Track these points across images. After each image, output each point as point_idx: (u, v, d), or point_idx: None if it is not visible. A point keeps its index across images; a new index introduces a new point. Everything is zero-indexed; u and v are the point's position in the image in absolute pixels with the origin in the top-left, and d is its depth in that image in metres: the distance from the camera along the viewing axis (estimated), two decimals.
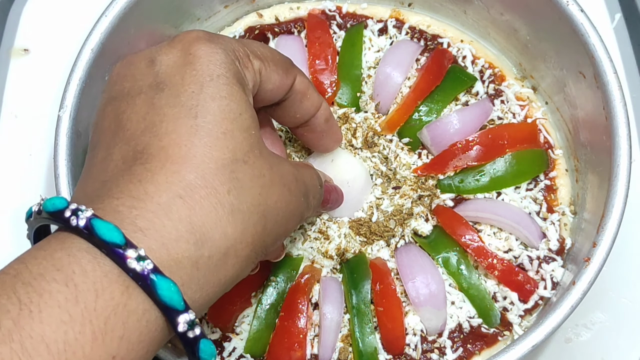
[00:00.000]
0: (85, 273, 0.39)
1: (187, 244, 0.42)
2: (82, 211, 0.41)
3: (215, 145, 0.45)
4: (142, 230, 0.41)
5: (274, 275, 0.70)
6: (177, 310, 0.41)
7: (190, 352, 0.43)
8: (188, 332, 0.42)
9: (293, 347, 0.67)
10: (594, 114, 0.71)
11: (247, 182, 0.46)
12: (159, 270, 0.40)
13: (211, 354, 0.44)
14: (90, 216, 0.40)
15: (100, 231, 0.39)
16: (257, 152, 0.48)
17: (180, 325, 0.41)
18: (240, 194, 0.46)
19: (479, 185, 0.75)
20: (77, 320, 0.37)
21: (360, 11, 0.84)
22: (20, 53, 0.91)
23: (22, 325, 0.36)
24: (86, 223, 0.40)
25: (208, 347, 0.43)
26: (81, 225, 0.40)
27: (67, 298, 0.37)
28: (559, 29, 0.72)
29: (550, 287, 0.71)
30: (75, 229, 0.40)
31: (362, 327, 0.68)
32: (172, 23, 0.79)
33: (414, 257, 0.71)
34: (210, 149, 0.45)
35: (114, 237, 0.39)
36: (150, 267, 0.40)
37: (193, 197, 0.43)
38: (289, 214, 0.51)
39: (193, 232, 0.43)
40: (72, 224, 0.40)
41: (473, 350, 0.70)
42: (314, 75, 0.79)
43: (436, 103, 0.78)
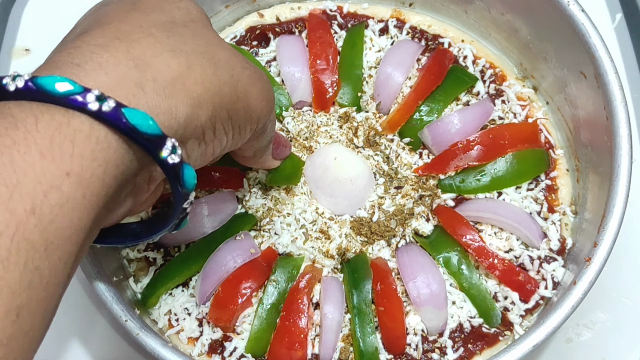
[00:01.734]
0: (21, 106, 0.39)
1: (126, 67, 0.43)
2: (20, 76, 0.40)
3: (152, 13, 0.48)
4: (78, 64, 0.42)
5: (275, 275, 0.70)
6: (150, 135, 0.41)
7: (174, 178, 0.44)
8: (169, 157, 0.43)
9: (294, 347, 0.67)
10: (594, 113, 0.71)
11: (189, 36, 0.48)
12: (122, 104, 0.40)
13: (193, 177, 0.45)
14: (30, 77, 0.40)
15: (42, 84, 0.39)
16: (200, 24, 0.50)
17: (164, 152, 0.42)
18: (181, 41, 0.47)
19: (479, 185, 0.75)
20: (20, 142, 0.37)
21: (361, 11, 0.84)
22: (22, 53, 0.91)
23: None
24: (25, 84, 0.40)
25: (190, 171, 0.44)
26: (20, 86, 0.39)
27: (6, 127, 0.37)
28: (560, 29, 0.72)
29: (551, 287, 0.71)
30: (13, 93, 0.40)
31: (363, 327, 0.68)
32: None
33: (415, 257, 0.71)
34: (146, 15, 0.47)
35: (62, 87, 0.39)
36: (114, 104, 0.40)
37: (130, 38, 0.44)
38: (248, 77, 0.51)
39: (132, 59, 0.43)
40: (10, 90, 0.40)
41: (474, 350, 0.70)
42: (315, 75, 0.79)
43: (437, 103, 0.78)
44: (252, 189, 0.74)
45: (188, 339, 0.70)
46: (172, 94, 0.44)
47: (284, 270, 0.70)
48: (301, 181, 0.75)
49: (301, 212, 0.73)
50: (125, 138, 0.41)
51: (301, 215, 0.73)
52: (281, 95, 0.79)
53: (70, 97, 0.39)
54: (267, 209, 0.73)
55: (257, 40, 0.83)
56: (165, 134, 0.43)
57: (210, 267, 0.69)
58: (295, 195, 0.74)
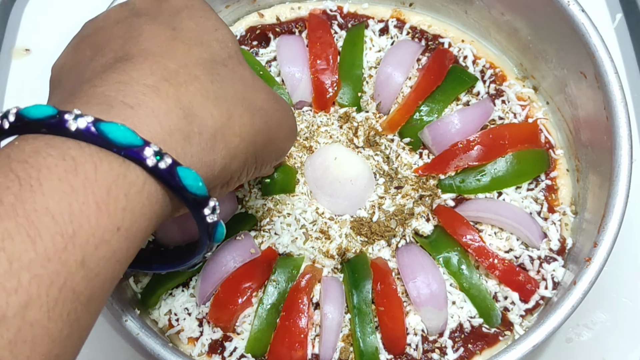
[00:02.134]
0: (81, 147, 0.38)
1: (177, 117, 0.42)
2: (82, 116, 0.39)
3: (194, 48, 0.47)
4: (132, 107, 0.41)
5: (275, 275, 0.70)
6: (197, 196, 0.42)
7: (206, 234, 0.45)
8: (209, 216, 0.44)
9: (294, 347, 0.67)
10: (595, 113, 0.71)
11: (229, 79, 0.48)
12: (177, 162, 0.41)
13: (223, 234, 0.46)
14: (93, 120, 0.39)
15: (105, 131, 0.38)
16: (236, 60, 0.50)
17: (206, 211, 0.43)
18: (224, 86, 0.47)
19: (480, 185, 0.75)
20: (79, 191, 0.37)
21: (361, 11, 0.84)
22: (22, 53, 0.91)
23: (25, 199, 0.35)
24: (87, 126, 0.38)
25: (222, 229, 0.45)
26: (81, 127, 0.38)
27: (66, 170, 0.37)
28: (560, 29, 0.72)
29: (551, 287, 0.71)
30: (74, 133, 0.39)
31: (363, 327, 0.68)
32: None
33: (415, 257, 0.71)
34: (190, 50, 0.47)
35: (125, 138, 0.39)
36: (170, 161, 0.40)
37: (178, 80, 0.44)
38: (278, 119, 0.51)
39: (182, 108, 0.43)
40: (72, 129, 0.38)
41: (474, 350, 0.70)
42: (315, 75, 0.79)
43: (437, 103, 0.78)
44: (252, 189, 0.74)
45: (188, 339, 0.70)
46: (213, 147, 0.45)
47: (284, 270, 0.70)
48: (301, 181, 0.75)
49: (301, 212, 0.73)
50: (172, 194, 0.42)
51: (301, 215, 0.73)
52: (281, 95, 0.79)
53: (130, 149, 0.39)
54: (267, 209, 0.73)
55: (257, 40, 0.83)
56: (209, 194, 0.43)
57: (210, 267, 0.69)
58: (295, 195, 0.74)
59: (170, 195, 0.42)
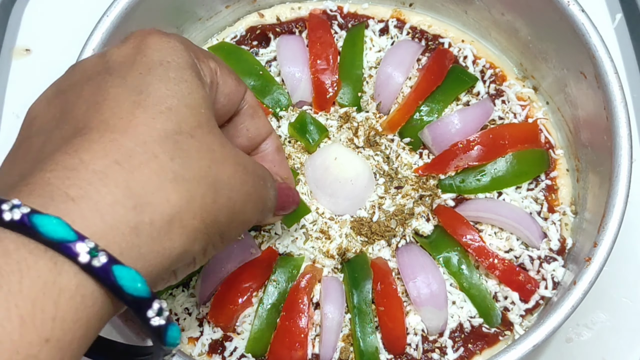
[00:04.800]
0: (8, 253, 0.36)
1: (124, 208, 0.40)
2: (18, 207, 0.37)
3: (159, 117, 0.44)
4: (74, 199, 0.39)
5: (275, 275, 0.70)
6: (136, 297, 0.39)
7: (156, 339, 0.41)
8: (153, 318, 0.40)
9: (294, 347, 0.67)
10: (594, 114, 0.71)
11: (194, 153, 0.44)
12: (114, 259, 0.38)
13: (176, 338, 0.42)
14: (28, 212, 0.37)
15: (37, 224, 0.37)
16: (206, 129, 0.46)
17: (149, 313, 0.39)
18: (186, 163, 0.43)
19: (480, 185, 0.75)
20: (1, 305, 0.34)
21: (361, 11, 0.85)
22: (22, 53, 0.91)
23: None
24: (21, 217, 0.37)
25: (174, 332, 0.41)
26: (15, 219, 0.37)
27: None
28: (560, 29, 0.72)
29: (551, 287, 0.71)
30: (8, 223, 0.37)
31: (363, 327, 0.68)
32: (174, 23, 0.79)
33: (415, 257, 0.71)
34: (153, 120, 0.43)
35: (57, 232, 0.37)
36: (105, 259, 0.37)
37: (131, 163, 0.41)
38: (245, 193, 0.48)
39: (130, 197, 0.40)
40: (6, 219, 0.37)
41: (474, 350, 0.70)
42: (315, 75, 0.79)
43: (437, 103, 0.78)
44: None
45: (188, 338, 0.70)
46: (167, 234, 0.42)
47: (284, 270, 0.71)
48: (301, 181, 0.75)
49: None
50: (111, 294, 0.39)
51: None
52: (281, 95, 0.79)
53: (63, 244, 0.37)
54: None
55: (257, 40, 0.83)
56: (153, 294, 0.40)
57: (210, 267, 0.69)
58: None
59: (110, 295, 0.39)
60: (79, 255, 0.37)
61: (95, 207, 0.39)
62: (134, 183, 0.41)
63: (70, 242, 0.37)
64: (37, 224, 0.37)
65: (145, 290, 0.39)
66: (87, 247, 0.37)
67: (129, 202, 0.40)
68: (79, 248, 0.37)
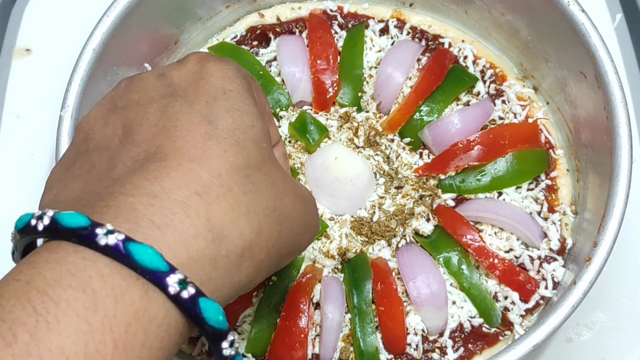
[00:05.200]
0: (103, 277, 0.37)
1: (205, 240, 0.41)
2: (112, 232, 0.38)
3: (230, 150, 0.44)
4: (160, 227, 0.40)
5: (276, 275, 0.70)
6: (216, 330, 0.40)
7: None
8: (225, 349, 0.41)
9: (294, 347, 0.67)
10: (595, 114, 0.71)
11: (262, 187, 0.45)
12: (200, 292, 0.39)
13: None
14: (124, 239, 0.38)
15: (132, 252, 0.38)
16: (269, 162, 0.47)
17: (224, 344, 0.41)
18: (256, 197, 0.44)
19: (480, 185, 0.75)
20: (97, 329, 0.35)
21: (361, 11, 0.84)
22: (22, 53, 0.91)
23: (40, 338, 0.34)
24: (116, 244, 0.37)
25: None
26: (110, 244, 0.37)
27: (85, 306, 0.36)
28: (560, 29, 0.72)
29: (551, 287, 0.71)
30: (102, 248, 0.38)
31: (364, 327, 0.68)
32: (174, 23, 0.79)
33: (415, 257, 0.71)
34: (225, 153, 0.44)
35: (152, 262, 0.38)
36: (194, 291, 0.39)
37: (210, 195, 0.42)
38: (304, 224, 0.50)
39: (211, 230, 0.41)
40: (101, 244, 0.38)
41: (474, 350, 0.70)
42: (315, 75, 0.79)
43: (437, 103, 0.78)
44: None
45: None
46: (239, 267, 0.43)
47: (284, 270, 0.71)
48: (302, 181, 0.75)
49: None
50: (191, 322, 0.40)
51: None
52: (281, 95, 0.79)
53: (155, 274, 0.38)
54: None
55: (257, 40, 0.83)
56: (229, 327, 0.42)
57: None
58: None
59: (190, 323, 0.40)
60: (170, 286, 0.38)
61: (180, 238, 0.40)
62: (213, 215, 0.41)
63: (162, 273, 0.38)
64: (132, 252, 0.37)
65: (225, 323, 0.41)
66: (177, 279, 0.38)
67: (209, 234, 0.41)
68: (170, 280, 0.38)
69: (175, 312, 0.39)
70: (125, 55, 0.75)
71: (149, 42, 0.78)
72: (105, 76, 0.72)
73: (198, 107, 0.46)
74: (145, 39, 0.77)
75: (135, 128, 0.46)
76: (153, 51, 0.79)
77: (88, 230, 0.38)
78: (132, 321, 0.37)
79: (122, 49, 0.73)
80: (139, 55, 0.77)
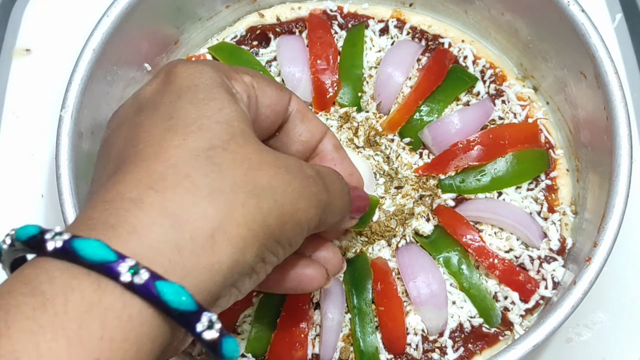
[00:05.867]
0: (53, 280, 0.37)
1: (161, 228, 0.40)
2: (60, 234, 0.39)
3: (189, 137, 0.44)
4: (113, 226, 0.40)
5: None
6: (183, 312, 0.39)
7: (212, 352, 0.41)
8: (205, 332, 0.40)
9: (294, 347, 0.67)
10: (594, 114, 0.71)
11: (228, 165, 0.45)
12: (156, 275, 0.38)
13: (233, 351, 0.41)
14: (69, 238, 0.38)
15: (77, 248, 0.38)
16: (240, 140, 0.46)
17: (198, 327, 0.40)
18: (220, 177, 0.44)
19: (480, 185, 0.75)
20: (47, 328, 0.35)
21: (361, 11, 0.85)
22: (22, 53, 0.91)
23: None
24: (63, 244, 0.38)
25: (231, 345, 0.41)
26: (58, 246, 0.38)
27: (34, 307, 0.36)
28: (560, 29, 0.72)
29: (551, 287, 0.71)
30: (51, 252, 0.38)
31: (364, 327, 0.68)
32: (174, 23, 0.80)
33: (415, 257, 0.71)
34: (184, 141, 0.44)
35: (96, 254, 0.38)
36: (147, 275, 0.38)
37: (164, 185, 0.42)
38: (292, 192, 0.47)
39: (166, 216, 0.41)
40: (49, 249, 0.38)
41: (474, 350, 0.70)
42: (315, 75, 0.79)
43: (437, 103, 0.78)
44: None
45: None
46: (211, 248, 0.42)
47: None
48: None
49: None
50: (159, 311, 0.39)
51: None
52: None
53: (104, 265, 0.38)
54: None
55: (257, 40, 0.83)
56: (201, 307, 0.40)
57: None
58: None
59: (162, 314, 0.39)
60: (121, 274, 0.38)
61: (132, 230, 0.40)
62: (169, 203, 0.41)
63: (111, 263, 0.38)
64: (77, 248, 0.38)
65: (191, 303, 0.40)
66: (128, 266, 0.38)
67: (165, 221, 0.41)
68: (120, 268, 0.38)
69: (136, 302, 0.38)
70: (125, 55, 0.75)
71: (149, 42, 0.78)
72: (105, 76, 0.72)
73: (162, 109, 0.47)
74: (145, 39, 0.77)
75: (110, 149, 0.48)
76: (153, 51, 0.79)
77: (37, 237, 0.39)
78: (84, 316, 0.36)
79: (122, 49, 0.73)
80: (139, 55, 0.77)
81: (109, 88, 0.73)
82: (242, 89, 0.51)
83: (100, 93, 0.72)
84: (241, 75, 0.52)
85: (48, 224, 0.81)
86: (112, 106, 0.75)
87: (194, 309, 0.40)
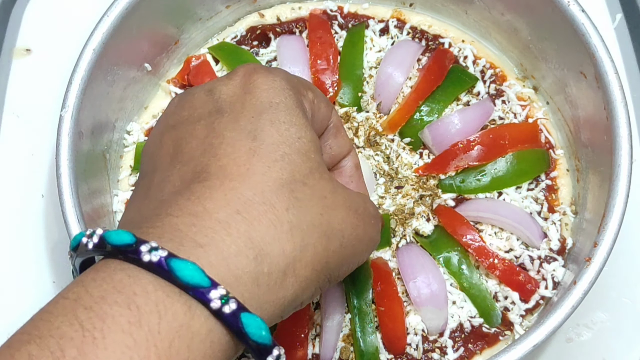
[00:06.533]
0: (147, 294, 0.38)
1: (246, 259, 0.41)
2: (156, 249, 0.39)
3: (274, 166, 0.45)
4: (202, 246, 0.40)
5: None
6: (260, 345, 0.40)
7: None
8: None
9: (294, 347, 0.67)
10: (595, 114, 0.71)
11: (307, 201, 0.45)
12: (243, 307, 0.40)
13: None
14: (166, 255, 0.39)
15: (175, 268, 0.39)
16: (317, 175, 0.47)
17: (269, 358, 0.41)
18: (300, 213, 0.45)
19: (480, 185, 0.75)
20: (141, 345, 0.36)
21: (361, 11, 0.85)
22: (23, 53, 0.91)
23: (87, 353, 0.35)
24: (159, 260, 0.39)
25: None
26: (154, 260, 0.39)
27: (130, 321, 0.36)
28: (560, 29, 0.72)
29: (551, 287, 0.71)
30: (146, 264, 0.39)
31: (364, 327, 0.68)
32: (174, 23, 0.80)
33: (415, 257, 0.71)
34: (269, 169, 0.45)
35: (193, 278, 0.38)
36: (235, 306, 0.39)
37: (251, 213, 0.43)
38: (356, 237, 0.49)
39: (252, 247, 0.42)
40: (145, 260, 0.39)
41: (474, 350, 0.70)
42: (315, 75, 0.79)
43: (437, 103, 0.78)
44: None
45: None
46: (282, 284, 0.43)
47: None
48: None
49: None
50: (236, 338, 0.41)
51: None
52: None
53: (197, 289, 0.38)
54: None
55: (257, 40, 0.83)
56: (274, 342, 0.42)
57: None
58: None
59: (235, 341, 0.41)
60: (212, 301, 0.39)
61: (221, 256, 0.41)
62: (254, 234, 0.42)
63: (204, 288, 0.39)
64: (174, 268, 0.38)
65: (269, 338, 0.41)
66: (219, 294, 0.39)
67: (250, 252, 0.42)
68: (213, 294, 0.39)
69: (218, 329, 0.39)
70: (125, 55, 0.75)
71: (149, 42, 0.78)
72: (105, 76, 0.72)
73: (243, 122, 0.47)
74: (145, 39, 0.77)
75: (184, 146, 0.48)
76: (153, 51, 0.79)
77: (133, 247, 0.39)
78: (175, 337, 0.37)
79: (122, 49, 0.73)
80: (139, 55, 0.77)
81: (109, 88, 0.74)
82: (309, 107, 0.52)
83: (101, 93, 0.72)
84: (307, 91, 0.53)
85: (48, 224, 0.81)
86: (112, 106, 0.75)
87: (268, 343, 0.41)
